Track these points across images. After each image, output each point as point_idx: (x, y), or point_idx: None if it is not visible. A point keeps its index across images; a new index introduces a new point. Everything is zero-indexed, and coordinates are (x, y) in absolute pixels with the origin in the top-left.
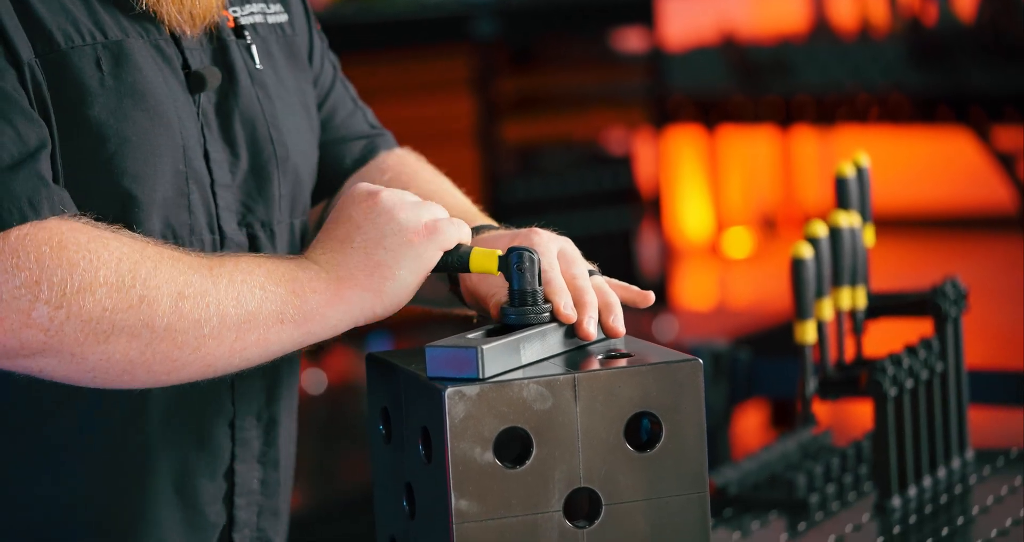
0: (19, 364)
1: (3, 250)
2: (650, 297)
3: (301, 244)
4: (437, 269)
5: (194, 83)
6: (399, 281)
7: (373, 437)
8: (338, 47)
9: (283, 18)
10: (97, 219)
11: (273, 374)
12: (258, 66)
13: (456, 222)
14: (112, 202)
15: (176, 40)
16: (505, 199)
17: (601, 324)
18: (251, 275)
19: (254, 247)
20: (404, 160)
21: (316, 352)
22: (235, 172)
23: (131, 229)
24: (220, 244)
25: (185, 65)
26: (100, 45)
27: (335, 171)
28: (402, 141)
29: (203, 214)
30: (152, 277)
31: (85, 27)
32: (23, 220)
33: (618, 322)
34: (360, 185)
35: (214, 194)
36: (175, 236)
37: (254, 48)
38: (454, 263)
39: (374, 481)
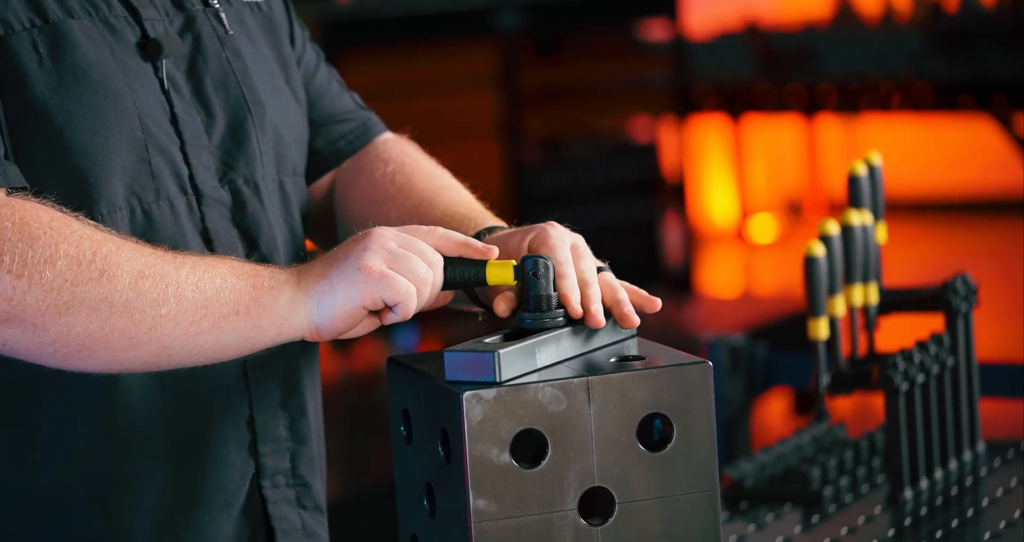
0: None
1: None
2: (656, 303)
3: (299, 205)
4: (455, 285)
5: (151, 50)
6: (335, 299)
7: (395, 438)
8: (363, 41)
9: None
10: (57, 200)
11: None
12: (229, 32)
13: (423, 281)
14: (66, 176)
15: (136, 12)
16: (531, 190)
17: (614, 318)
18: (214, 268)
19: (238, 202)
20: (405, 150)
21: (344, 343)
22: (211, 132)
23: (90, 200)
24: (197, 203)
25: (145, 35)
26: (36, 30)
27: (330, 148)
28: (428, 134)
29: (170, 176)
30: (114, 255)
31: (23, 13)
32: None
33: (630, 311)
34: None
35: (185, 155)
36: (140, 201)
37: (223, 15)
38: (471, 278)
39: (396, 480)
